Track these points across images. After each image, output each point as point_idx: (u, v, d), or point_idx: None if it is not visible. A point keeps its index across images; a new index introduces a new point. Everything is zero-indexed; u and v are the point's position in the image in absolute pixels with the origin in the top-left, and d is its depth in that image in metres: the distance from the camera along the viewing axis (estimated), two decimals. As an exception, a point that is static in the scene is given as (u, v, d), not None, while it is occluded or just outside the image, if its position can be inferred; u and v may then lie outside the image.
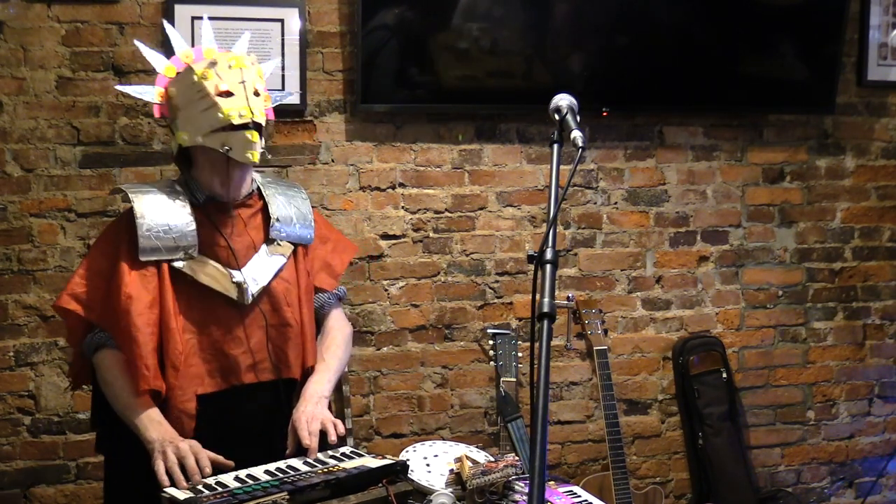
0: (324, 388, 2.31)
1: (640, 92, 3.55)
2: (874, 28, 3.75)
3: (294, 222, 2.40)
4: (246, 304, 2.28)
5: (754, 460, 3.85)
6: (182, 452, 2.03)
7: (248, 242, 2.32)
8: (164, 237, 2.21)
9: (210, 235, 2.27)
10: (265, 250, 2.33)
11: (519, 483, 2.12)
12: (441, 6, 3.30)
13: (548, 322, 1.49)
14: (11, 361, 3.17)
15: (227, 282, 2.27)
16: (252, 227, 2.34)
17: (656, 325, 3.72)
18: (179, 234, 2.22)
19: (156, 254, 2.21)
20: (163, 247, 2.21)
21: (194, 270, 2.25)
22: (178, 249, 2.23)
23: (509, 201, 3.52)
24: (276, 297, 2.33)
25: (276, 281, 2.33)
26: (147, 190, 2.29)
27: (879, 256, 3.92)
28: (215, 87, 2.17)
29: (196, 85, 2.19)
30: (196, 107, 2.20)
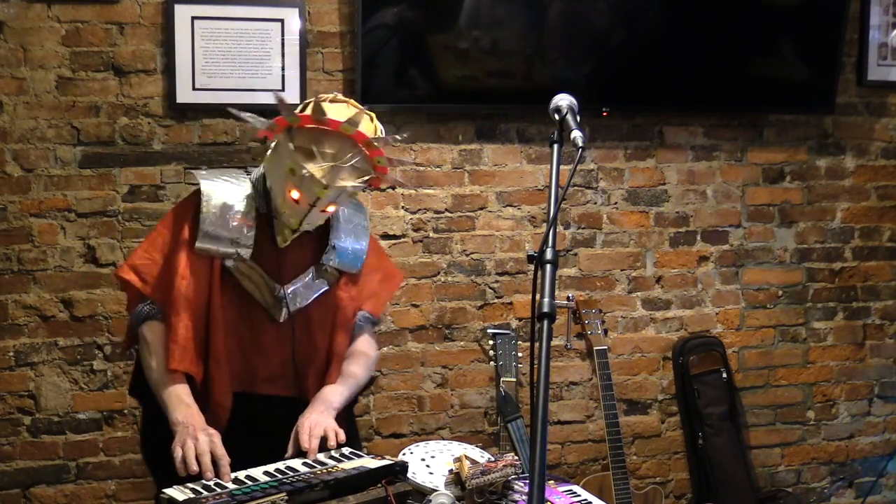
0: (335, 399, 2.29)
1: (640, 92, 3.55)
2: (874, 28, 3.75)
3: (349, 252, 2.39)
4: (280, 320, 2.30)
5: (754, 460, 3.85)
6: (200, 448, 2.04)
7: (298, 260, 2.32)
8: (223, 233, 2.24)
9: (265, 244, 2.28)
10: (312, 272, 2.33)
11: (519, 483, 2.12)
12: (441, 6, 3.30)
13: (548, 322, 1.49)
14: (11, 361, 3.17)
15: (269, 294, 2.29)
16: (307, 246, 2.34)
17: (656, 325, 3.72)
18: (237, 235, 2.24)
19: (211, 245, 2.24)
20: (219, 242, 2.24)
21: (241, 273, 2.27)
22: (232, 249, 2.25)
23: (509, 201, 3.52)
24: (311, 319, 2.34)
25: (314, 304, 2.34)
26: (219, 181, 2.30)
27: (879, 256, 3.92)
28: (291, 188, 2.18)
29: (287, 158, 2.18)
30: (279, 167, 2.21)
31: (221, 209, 2.25)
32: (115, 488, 3.27)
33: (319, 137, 2.15)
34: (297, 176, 2.15)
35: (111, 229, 3.20)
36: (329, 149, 2.14)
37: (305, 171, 2.13)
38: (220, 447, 2.06)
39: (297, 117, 2.16)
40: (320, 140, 2.15)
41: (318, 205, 2.18)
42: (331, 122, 2.13)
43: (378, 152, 2.19)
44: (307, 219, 2.21)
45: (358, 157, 2.17)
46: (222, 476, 2.01)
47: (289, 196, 2.18)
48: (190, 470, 2.01)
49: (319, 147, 2.14)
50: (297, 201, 2.17)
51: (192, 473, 2.00)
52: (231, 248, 2.24)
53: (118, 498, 3.27)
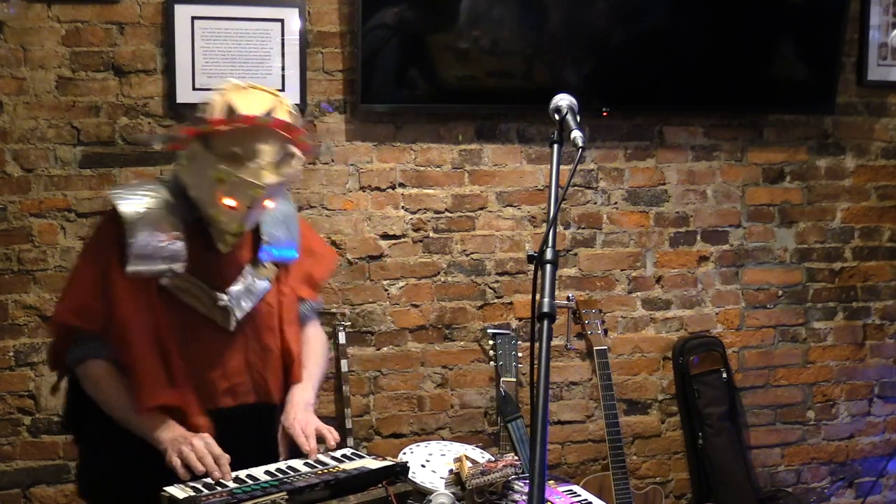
0: (309, 395, 2.27)
1: (640, 92, 3.55)
2: (874, 28, 3.75)
3: (283, 242, 2.29)
4: (231, 329, 2.20)
5: (754, 460, 3.85)
6: (199, 451, 2.01)
7: (235, 263, 2.22)
8: (152, 252, 2.09)
9: (198, 253, 2.15)
10: (250, 272, 2.23)
11: (519, 483, 2.12)
12: (441, 6, 3.30)
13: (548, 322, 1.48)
14: (11, 361, 3.17)
15: (212, 305, 2.17)
16: (241, 246, 2.22)
17: (656, 325, 3.72)
18: (168, 251, 2.11)
19: (143, 267, 2.10)
20: (150, 262, 2.10)
21: (179, 289, 2.15)
22: (165, 266, 2.11)
23: (509, 201, 3.52)
24: (259, 321, 2.24)
25: (259, 304, 2.24)
26: (137, 197, 2.15)
27: (879, 256, 3.92)
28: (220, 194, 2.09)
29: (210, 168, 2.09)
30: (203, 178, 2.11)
31: (145, 227, 2.10)
32: (115, 488, 3.27)
33: (238, 137, 2.05)
34: (227, 184, 2.05)
35: (111, 229, 3.19)
36: (252, 147, 2.05)
37: (235, 178, 2.04)
38: (216, 447, 2.05)
39: (208, 123, 2.06)
40: (241, 140, 2.05)
41: (255, 206, 2.10)
42: (246, 119, 2.03)
43: (298, 132, 2.12)
44: (248, 220, 2.13)
45: (283, 146, 2.09)
46: (224, 474, 2.00)
47: (222, 204, 2.07)
48: (196, 470, 1.98)
49: (242, 147, 2.05)
50: (233, 207, 2.07)
51: (199, 473, 1.98)
52: (164, 265, 2.11)
53: (118, 498, 3.27)
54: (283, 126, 2.08)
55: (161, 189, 2.19)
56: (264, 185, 2.06)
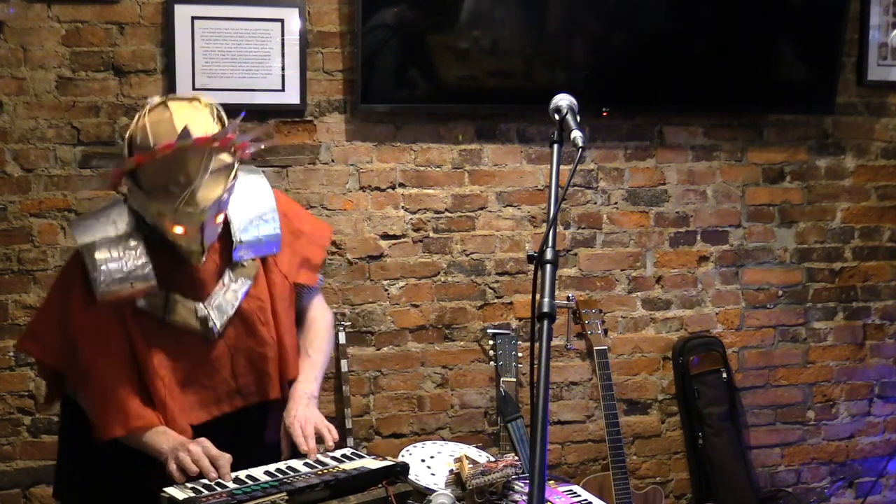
0: (312, 388, 2.25)
1: (640, 92, 3.55)
2: (874, 28, 3.75)
3: (260, 241, 2.21)
4: (212, 339, 2.16)
5: (754, 460, 3.85)
6: (195, 455, 2.01)
7: (211, 268, 2.16)
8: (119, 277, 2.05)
9: (170, 268, 2.11)
10: (229, 276, 2.18)
11: (519, 483, 2.12)
12: (441, 6, 3.30)
13: (548, 322, 1.48)
14: (11, 361, 3.17)
15: (192, 316, 2.14)
16: (214, 251, 2.16)
17: (656, 325, 3.72)
18: (135, 273, 2.06)
19: (113, 296, 2.06)
20: (119, 289, 2.06)
21: (154, 307, 2.12)
22: (136, 288, 2.07)
23: (509, 201, 3.52)
24: (249, 318, 2.20)
25: (245, 302, 2.19)
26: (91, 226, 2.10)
27: (879, 256, 3.92)
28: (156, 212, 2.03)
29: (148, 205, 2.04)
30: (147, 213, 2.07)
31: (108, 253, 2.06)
32: (115, 488, 3.27)
33: (164, 167, 1.95)
34: (167, 216, 1.99)
35: (111, 229, 3.19)
36: (181, 173, 1.95)
37: (172, 208, 1.96)
38: (213, 449, 2.04)
39: (130, 161, 1.99)
40: (167, 169, 1.96)
41: (206, 225, 2.03)
42: (162, 149, 1.94)
43: (228, 139, 2.01)
44: (206, 238, 2.06)
45: (212, 159, 1.97)
46: (222, 475, 2.00)
47: (173, 232, 2.03)
48: (190, 472, 1.98)
49: (171, 177, 1.95)
50: (185, 233, 2.03)
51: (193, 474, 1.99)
52: (133, 287, 2.06)
53: (118, 498, 3.27)
54: (205, 141, 1.96)
55: (123, 210, 2.14)
56: (203, 207, 1.98)
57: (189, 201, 1.96)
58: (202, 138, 1.95)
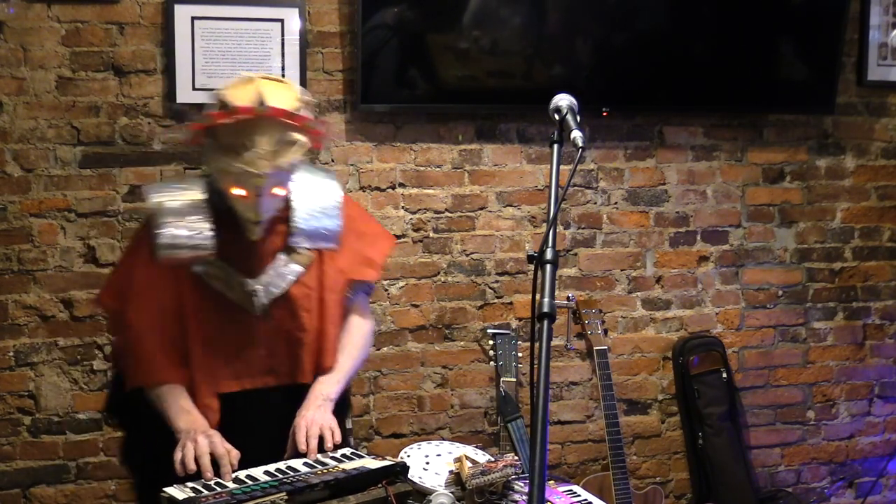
0: (330, 390, 2.29)
1: (640, 92, 3.55)
2: (874, 28, 3.75)
3: (318, 232, 2.33)
4: (256, 314, 2.27)
5: (754, 460, 3.85)
6: (200, 450, 2.05)
7: (267, 249, 2.28)
8: (182, 241, 2.21)
9: (231, 240, 2.24)
10: (283, 258, 2.29)
11: (519, 483, 2.12)
12: (441, 6, 3.30)
13: (548, 322, 1.49)
14: (11, 361, 3.17)
15: (241, 290, 2.26)
16: (274, 232, 2.29)
17: (656, 325, 3.72)
18: (197, 239, 2.21)
19: (171, 257, 2.21)
20: (179, 250, 2.21)
21: (210, 276, 2.25)
22: (195, 254, 2.22)
23: (509, 201, 3.52)
24: (294, 303, 2.30)
25: (295, 287, 2.30)
26: (169, 190, 2.28)
27: (879, 256, 3.92)
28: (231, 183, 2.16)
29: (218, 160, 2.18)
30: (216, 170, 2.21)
31: (174, 217, 2.21)
32: (115, 488, 3.27)
33: (238, 129, 2.10)
34: (232, 174, 2.13)
35: (111, 229, 3.20)
36: (250, 137, 2.10)
37: (237, 167, 2.10)
38: (220, 447, 2.06)
39: (208, 117, 2.14)
40: (240, 131, 2.10)
41: (263, 193, 2.14)
42: (241, 110, 2.09)
43: (303, 118, 2.15)
44: (262, 208, 2.17)
45: (282, 132, 2.12)
46: (223, 475, 2.01)
47: (234, 193, 2.16)
48: (188, 469, 2.01)
49: (241, 139, 2.10)
50: (243, 196, 2.15)
51: (190, 472, 2.01)
52: (192, 253, 2.21)
53: (118, 498, 3.27)
54: (280, 114, 2.10)
55: (196, 183, 2.31)
56: (262, 173, 2.10)
57: (251, 164, 2.09)
58: (278, 110, 2.10)
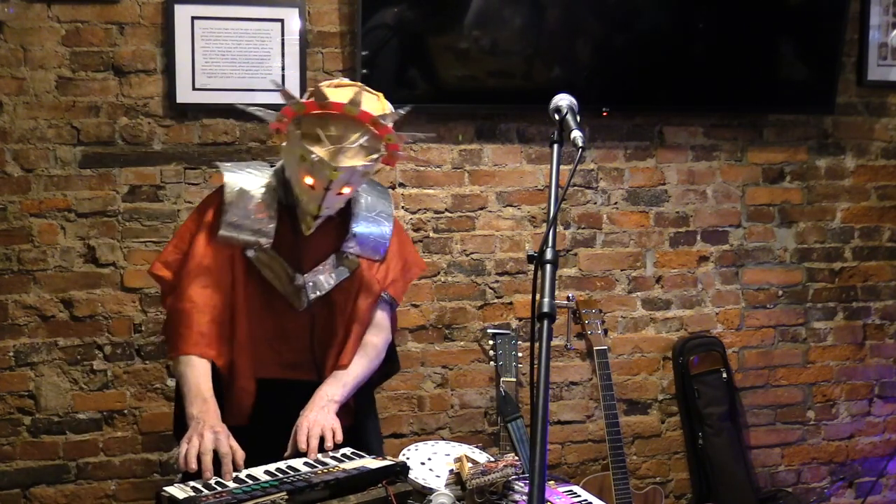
0: (336, 392, 2.30)
1: (640, 92, 3.55)
2: (874, 28, 3.75)
3: (370, 240, 2.41)
4: (301, 308, 2.34)
5: (754, 460, 3.85)
6: (204, 446, 2.05)
7: (320, 248, 2.35)
8: (244, 223, 2.29)
9: (286, 234, 2.32)
10: (332, 261, 2.37)
11: (519, 483, 2.12)
12: (441, 6, 3.31)
13: (548, 322, 1.49)
14: (11, 361, 3.17)
15: (289, 283, 2.33)
16: (329, 234, 2.36)
17: (656, 325, 3.72)
18: (258, 225, 2.29)
19: (233, 234, 2.29)
20: (241, 231, 2.29)
21: (261, 263, 2.31)
22: (253, 238, 2.29)
23: (509, 201, 3.52)
24: (333, 306, 2.37)
25: (336, 290, 2.37)
26: (243, 173, 2.35)
27: (879, 256, 3.92)
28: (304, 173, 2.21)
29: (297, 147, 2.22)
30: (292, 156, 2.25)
31: (244, 200, 2.30)
32: (115, 488, 3.27)
33: (325, 121, 2.18)
34: (307, 162, 2.18)
35: (111, 229, 3.20)
36: (335, 131, 2.17)
37: (314, 156, 2.16)
38: (224, 445, 2.06)
39: (302, 105, 2.20)
40: (326, 124, 2.17)
41: (332, 187, 2.20)
42: (334, 105, 2.16)
43: (386, 130, 2.22)
44: (325, 203, 2.23)
45: (365, 136, 2.19)
46: (223, 474, 2.01)
47: (303, 182, 2.21)
48: (189, 468, 2.01)
49: (325, 131, 2.17)
50: (311, 187, 2.20)
51: (191, 471, 2.01)
52: (252, 238, 2.29)
53: (118, 498, 3.27)
54: (368, 118, 2.18)
55: (266, 170, 2.39)
56: (339, 167, 2.17)
57: (331, 155, 2.16)
58: (367, 114, 2.17)
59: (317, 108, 2.19)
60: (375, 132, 2.21)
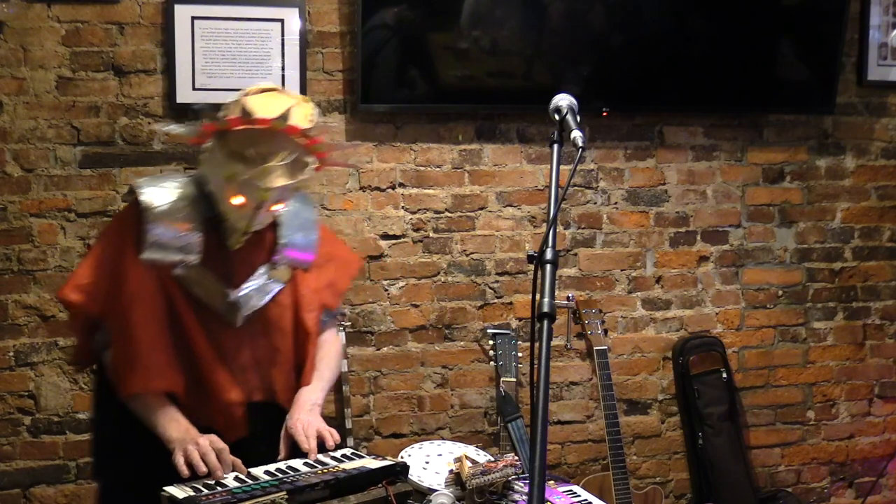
0: (317, 396, 2.28)
1: (640, 92, 3.55)
2: (874, 28, 3.75)
3: (300, 247, 2.32)
4: (237, 325, 2.23)
5: (754, 460, 3.85)
6: (203, 449, 2.02)
7: (249, 261, 2.24)
8: (169, 241, 2.15)
9: (213, 248, 2.19)
10: (264, 272, 2.26)
11: (519, 483, 2.12)
12: (441, 6, 3.30)
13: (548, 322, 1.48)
14: (11, 361, 3.17)
15: (221, 300, 2.21)
16: (257, 246, 2.25)
17: (656, 325, 3.72)
18: (184, 242, 2.15)
19: (158, 255, 2.15)
20: (166, 251, 2.15)
21: (191, 281, 2.19)
22: (180, 257, 2.16)
23: (509, 201, 3.52)
24: (269, 321, 2.27)
25: (271, 304, 2.27)
26: (162, 188, 2.21)
27: (879, 256, 3.92)
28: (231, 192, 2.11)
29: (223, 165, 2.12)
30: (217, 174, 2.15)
31: (165, 217, 2.15)
32: (115, 488, 3.27)
33: (252, 138, 2.07)
34: (236, 182, 2.08)
35: (111, 229, 3.19)
36: (263, 148, 2.07)
37: (244, 176, 2.06)
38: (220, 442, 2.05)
39: (225, 121, 2.09)
40: (254, 141, 2.07)
41: (263, 206, 2.11)
42: (260, 121, 2.06)
43: (315, 140, 2.13)
44: (255, 220, 2.14)
45: (295, 151, 2.10)
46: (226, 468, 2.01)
47: (231, 202, 2.11)
48: (198, 470, 1.99)
49: (253, 147, 2.07)
50: (241, 206, 2.10)
51: (201, 474, 1.99)
52: (179, 256, 2.15)
53: (118, 498, 3.27)
54: (296, 132, 2.09)
55: (186, 183, 2.24)
56: (271, 187, 2.08)
57: (261, 176, 2.06)
58: (295, 128, 2.08)
59: (242, 125, 2.07)
60: (305, 144, 2.12)
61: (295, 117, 2.09)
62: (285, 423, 2.21)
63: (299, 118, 2.10)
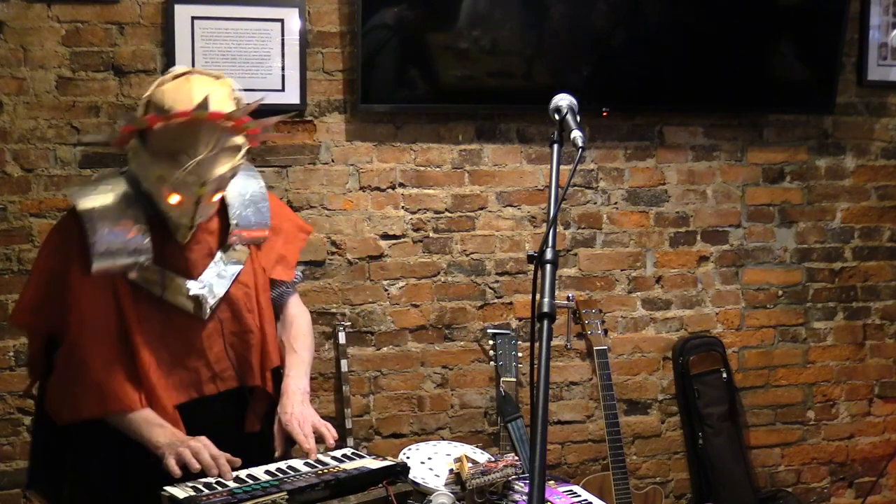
0: (304, 383, 2.26)
1: (640, 92, 3.55)
2: (874, 28, 3.75)
3: (252, 223, 2.24)
4: (205, 318, 2.16)
5: (754, 460, 3.85)
6: (195, 449, 2.00)
7: (204, 250, 2.17)
8: (118, 247, 2.04)
9: (165, 244, 2.11)
10: (221, 257, 2.19)
11: (519, 483, 2.12)
12: (441, 6, 3.30)
13: (548, 322, 1.48)
14: (11, 361, 3.17)
15: (184, 295, 2.13)
16: (209, 231, 2.18)
17: (656, 325, 3.72)
18: (133, 244, 2.06)
19: (109, 263, 2.05)
20: (116, 257, 2.05)
21: (148, 282, 2.10)
22: (132, 259, 2.06)
23: (509, 201, 3.52)
24: (236, 303, 2.21)
25: (234, 287, 2.20)
26: (96, 192, 2.10)
27: (879, 256, 3.92)
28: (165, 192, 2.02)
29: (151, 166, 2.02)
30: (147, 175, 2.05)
31: (107, 222, 2.05)
32: (116, 488, 3.27)
33: (175, 134, 1.95)
34: (169, 182, 1.98)
35: (111, 229, 3.19)
36: (189, 142, 1.95)
37: (175, 176, 1.96)
38: (214, 447, 2.05)
39: (143, 121, 1.98)
40: (177, 136, 1.95)
41: (202, 200, 2.02)
42: (180, 115, 1.93)
43: (242, 120, 2.00)
44: (198, 214, 2.06)
45: (223, 137, 1.97)
46: (223, 473, 2.00)
47: (168, 201, 2.02)
48: (192, 468, 1.98)
49: (178, 143, 1.95)
50: (179, 203, 2.02)
51: (195, 471, 1.98)
52: (130, 259, 2.06)
53: (118, 498, 3.27)
54: (220, 117, 1.96)
55: (120, 181, 2.13)
56: (205, 180, 1.98)
57: (193, 171, 1.95)
58: (217, 113, 1.95)
59: (161, 121, 1.95)
60: (231, 127, 1.99)
61: (216, 101, 1.95)
62: (277, 417, 2.19)
63: (221, 101, 1.98)
